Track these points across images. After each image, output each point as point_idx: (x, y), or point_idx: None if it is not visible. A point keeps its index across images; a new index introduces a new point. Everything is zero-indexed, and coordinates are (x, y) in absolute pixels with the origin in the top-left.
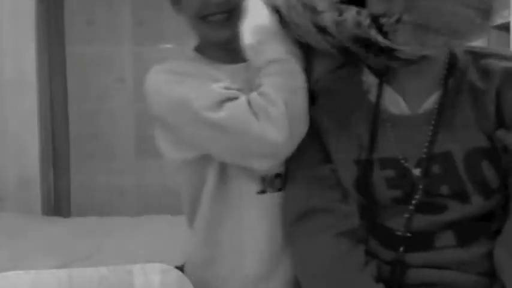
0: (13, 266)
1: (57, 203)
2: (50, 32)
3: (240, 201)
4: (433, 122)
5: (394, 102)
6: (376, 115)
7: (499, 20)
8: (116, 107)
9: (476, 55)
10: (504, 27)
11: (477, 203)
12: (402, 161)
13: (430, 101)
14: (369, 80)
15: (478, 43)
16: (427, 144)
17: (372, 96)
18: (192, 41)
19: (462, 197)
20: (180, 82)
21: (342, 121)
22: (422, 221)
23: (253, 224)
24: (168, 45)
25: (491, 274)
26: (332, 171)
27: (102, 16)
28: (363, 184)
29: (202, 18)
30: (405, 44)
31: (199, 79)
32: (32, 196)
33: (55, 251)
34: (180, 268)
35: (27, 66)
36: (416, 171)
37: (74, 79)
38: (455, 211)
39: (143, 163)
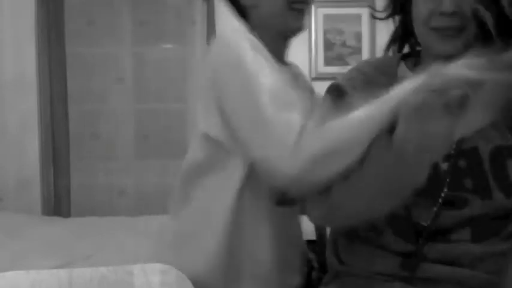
0: (13, 266)
1: (57, 203)
2: (50, 32)
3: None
4: None
5: None
6: None
7: None
8: (116, 107)
9: None
10: None
11: (498, 200)
12: None
13: None
14: (404, 74)
15: None
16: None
17: None
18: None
19: (484, 192)
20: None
21: None
22: (444, 216)
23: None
24: (168, 45)
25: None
26: None
27: (102, 16)
28: None
29: None
30: None
31: None
32: (32, 196)
33: (55, 251)
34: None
35: (27, 66)
36: (444, 166)
37: (74, 79)
38: (476, 207)
39: (143, 163)
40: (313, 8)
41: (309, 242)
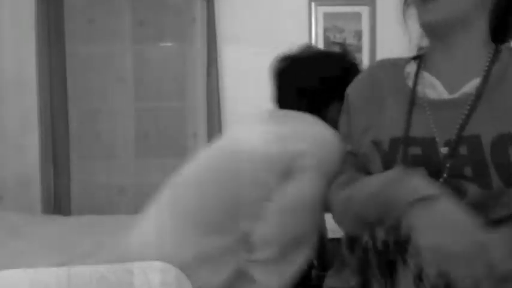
0: (13, 264)
1: (57, 201)
2: (50, 32)
3: None
4: (468, 106)
5: (432, 86)
6: (412, 97)
7: None
8: (116, 106)
9: None
10: None
11: (497, 189)
12: (431, 140)
13: (470, 86)
14: (412, 69)
15: None
16: (458, 126)
17: (410, 82)
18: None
19: (484, 180)
20: None
21: (375, 103)
22: None
23: None
24: (168, 44)
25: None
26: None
27: (102, 16)
28: (389, 162)
29: None
30: None
31: None
32: (32, 195)
33: (55, 249)
34: None
35: (27, 66)
36: (444, 150)
37: (74, 79)
38: (475, 196)
39: (143, 162)
40: (313, 6)
41: None
